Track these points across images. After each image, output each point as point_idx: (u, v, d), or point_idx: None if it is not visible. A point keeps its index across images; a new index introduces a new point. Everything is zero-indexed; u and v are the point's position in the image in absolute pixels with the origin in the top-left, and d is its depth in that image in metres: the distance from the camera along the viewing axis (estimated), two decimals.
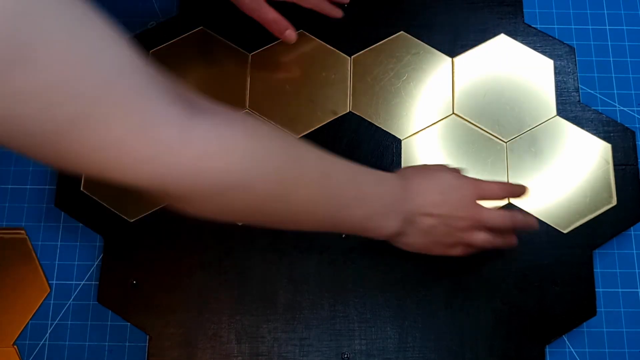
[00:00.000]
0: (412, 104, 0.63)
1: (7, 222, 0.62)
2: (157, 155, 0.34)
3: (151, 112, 0.33)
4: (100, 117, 0.32)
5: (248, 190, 0.39)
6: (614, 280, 0.60)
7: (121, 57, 0.33)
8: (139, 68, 0.34)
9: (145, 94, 0.33)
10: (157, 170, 0.34)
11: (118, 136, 0.32)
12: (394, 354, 0.56)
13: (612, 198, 0.60)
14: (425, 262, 0.58)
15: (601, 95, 0.66)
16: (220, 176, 0.37)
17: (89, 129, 0.31)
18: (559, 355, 0.58)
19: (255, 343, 0.56)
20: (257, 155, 0.39)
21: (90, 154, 0.33)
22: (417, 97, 0.63)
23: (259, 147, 0.39)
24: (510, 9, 0.66)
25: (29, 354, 0.58)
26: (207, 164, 0.36)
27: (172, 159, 0.34)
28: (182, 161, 0.35)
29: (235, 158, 0.37)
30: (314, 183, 0.42)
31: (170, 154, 0.34)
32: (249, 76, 0.64)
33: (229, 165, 0.37)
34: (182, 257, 0.58)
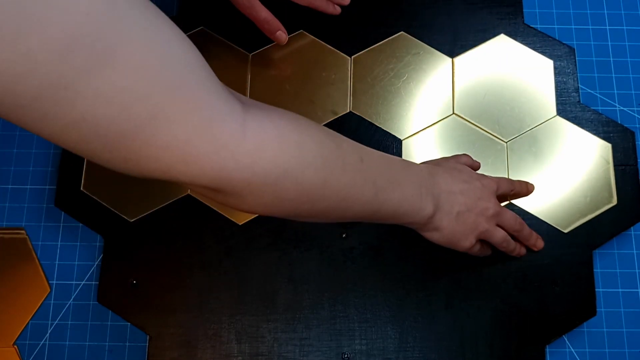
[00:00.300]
0: (412, 104, 0.63)
1: (7, 222, 0.62)
2: (219, 149, 0.34)
3: (215, 108, 0.34)
4: (172, 115, 0.32)
5: (298, 179, 0.39)
6: (614, 280, 0.60)
7: (188, 54, 0.33)
8: (202, 64, 0.34)
9: (209, 90, 0.34)
10: (219, 164, 0.35)
11: (187, 132, 0.33)
12: (394, 354, 0.56)
13: (612, 198, 0.60)
14: (425, 262, 0.58)
15: (601, 95, 0.66)
16: (276, 165, 0.37)
17: (161, 128, 0.32)
18: (559, 355, 0.58)
19: (255, 343, 0.56)
20: (306, 144, 0.39)
21: (158, 153, 0.33)
22: (417, 97, 0.63)
23: (306, 135, 0.40)
24: (510, 9, 0.66)
25: (29, 354, 0.58)
26: (265, 153, 0.36)
27: (233, 151, 0.35)
28: (242, 152, 0.35)
29: (289, 146, 0.38)
30: (352, 168, 0.43)
31: (232, 147, 0.35)
32: (249, 76, 0.64)
33: (284, 154, 0.38)
34: (182, 257, 0.58)
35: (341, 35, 0.65)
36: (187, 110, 0.33)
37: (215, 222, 0.59)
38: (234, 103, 0.35)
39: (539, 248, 0.57)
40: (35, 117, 0.29)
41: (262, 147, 0.36)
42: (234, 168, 0.35)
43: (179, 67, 0.32)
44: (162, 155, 0.33)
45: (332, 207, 0.43)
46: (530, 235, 0.57)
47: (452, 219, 0.50)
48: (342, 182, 0.42)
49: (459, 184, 0.51)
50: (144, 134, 0.32)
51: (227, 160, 0.35)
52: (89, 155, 0.33)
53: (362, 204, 0.45)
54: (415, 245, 0.58)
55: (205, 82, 0.34)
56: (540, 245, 0.58)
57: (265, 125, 0.37)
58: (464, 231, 0.52)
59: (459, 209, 0.51)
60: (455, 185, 0.51)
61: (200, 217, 0.60)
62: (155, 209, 0.60)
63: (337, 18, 0.65)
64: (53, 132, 0.30)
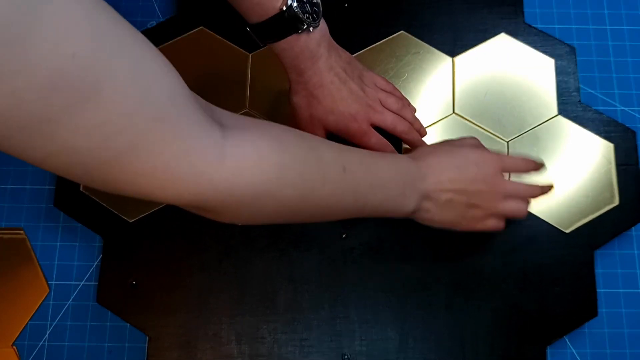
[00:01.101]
0: (413, 104, 0.63)
1: (7, 222, 0.62)
2: (197, 176, 0.36)
3: (194, 137, 0.35)
4: (151, 145, 0.33)
5: (277, 197, 0.40)
6: (615, 281, 0.60)
7: (171, 85, 0.34)
8: (184, 93, 0.35)
9: (189, 119, 0.35)
10: (197, 188, 0.36)
11: (165, 161, 0.34)
12: (394, 355, 0.56)
13: (614, 198, 0.59)
14: (425, 262, 0.58)
15: (602, 95, 0.65)
16: (254, 187, 0.38)
17: (140, 157, 0.33)
18: (560, 356, 0.58)
19: (255, 344, 0.56)
20: (285, 163, 0.40)
21: (136, 179, 0.34)
22: (417, 97, 0.63)
23: (286, 155, 0.41)
24: (511, 8, 0.66)
25: (28, 354, 0.58)
26: (243, 178, 0.38)
27: (210, 176, 0.36)
28: (219, 178, 0.37)
29: (269, 168, 0.39)
30: (333, 179, 0.44)
31: (209, 173, 0.36)
32: (249, 76, 0.64)
33: (262, 176, 0.39)
34: (182, 257, 0.58)
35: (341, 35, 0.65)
36: (167, 140, 0.34)
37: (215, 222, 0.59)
38: (214, 130, 0.36)
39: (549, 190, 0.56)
40: (20, 146, 0.30)
41: (240, 172, 0.37)
42: (211, 192, 0.37)
43: (161, 99, 0.33)
44: (140, 181, 0.34)
45: (311, 216, 0.46)
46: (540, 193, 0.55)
47: (440, 207, 0.51)
48: (322, 195, 0.44)
49: (448, 173, 0.51)
50: (123, 163, 0.33)
51: (204, 185, 0.36)
52: (72, 178, 0.35)
53: (342, 210, 0.47)
54: (415, 246, 0.58)
55: (185, 112, 0.35)
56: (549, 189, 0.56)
57: (244, 148, 0.38)
58: (458, 215, 0.52)
59: (446, 197, 0.51)
60: (444, 175, 0.51)
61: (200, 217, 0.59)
62: (155, 209, 0.60)
63: (337, 18, 0.65)
64: (36, 159, 0.31)
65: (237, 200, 0.38)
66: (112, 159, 0.32)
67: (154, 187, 0.35)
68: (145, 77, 0.32)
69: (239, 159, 0.37)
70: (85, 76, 0.28)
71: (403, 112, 0.58)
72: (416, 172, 0.50)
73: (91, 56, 0.28)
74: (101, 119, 0.30)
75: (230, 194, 0.38)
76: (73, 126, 0.29)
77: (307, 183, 0.42)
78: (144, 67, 0.32)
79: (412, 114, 0.59)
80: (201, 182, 0.36)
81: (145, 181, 0.34)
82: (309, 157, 0.43)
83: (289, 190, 0.41)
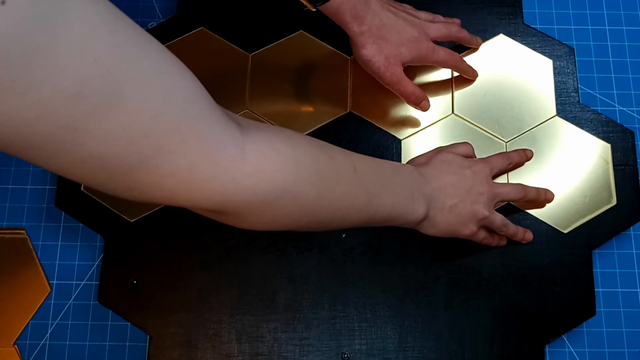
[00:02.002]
0: None
1: (8, 222, 0.62)
2: (220, 174, 0.36)
3: (216, 136, 0.35)
4: (175, 146, 0.33)
5: (297, 195, 0.40)
6: (614, 280, 0.60)
7: (190, 87, 0.34)
8: (202, 94, 0.35)
9: (209, 119, 0.35)
10: (222, 187, 0.36)
11: (190, 162, 0.34)
12: (393, 354, 0.56)
13: (612, 198, 0.60)
14: (425, 262, 0.58)
15: (601, 95, 0.66)
16: (275, 184, 0.39)
17: (165, 159, 0.33)
18: (558, 355, 0.58)
19: (255, 343, 0.56)
20: (302, 161, 0.41)
21: (162, 181, 0.34)
22: None
23: (302, 153, 0.41)
24: (510, 9, 0.66)
25: (29, 353, 0.58)
26: (264, 174, 0.38)
27: (233, 175, 0.36)
28: (242, 175, 0.37)
29: (287, 165, 0.39)
30: (346, 178, 0.45)
31: (232, 171, 0.36)
32: (249, 76, 0.64)
33: (282, 172, 0.39)
34: (182, 257, 0.59)
35: (341, 35, 0.65)
36: (190, 141, 0.34)
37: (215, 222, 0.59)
38: (233, 128, 0.37)
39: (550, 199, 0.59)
40: (44, 155, 0.30)
41: (262, 169, 0.38)
42: (235, 191, 0.37)
43: (181, 101, 0.33)
44: (166, 183, 0.34)
45: (329, 218, 0.45)
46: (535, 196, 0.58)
47: (446, 213, 0.52)
48: (337, 193, 0.44)
49: (448, 177, 0.52)
50: (149, 166, 0.33)
51: (228, 184, 0.36)
52: (95, 185, 0.35)
53: (358, 212, 0.46)
54: (415, 245, 0.58)
55: (205, 112, 0.35)
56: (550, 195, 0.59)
57: (263, 146, 0.38)
58: (461, 221, 0.53)
59: (451, 203, 0.52)
60: (445, 179, 0.52)
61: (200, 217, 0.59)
62: (155, 209, 0.60)
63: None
64: (60, 167, 0.31)
65: (260, 199, 0.38)
66: (138, 163, 0.32)
67: (181, 188, 0.35)
68: (164, 80, 0.32)
69: (259, 156, 0.37)
70: (108, 82, 0.29)
71: None
72: (419, 177, 0.51)
73: (112, 62, 0.29)
74: (126, 123, 0.30)
75: (253, 191, 0.38)
76: (99, 132, 0.30)
77: (323, 180, 0.42)
78: (162, 70, 0.32)
79: None
80: (225, 181, 0.36)
81: (172, 183, 0.34)
82: (322, 156, 0.43)
83: (307, 186, 0.41)
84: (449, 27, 0.62)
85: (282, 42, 0.65)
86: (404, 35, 0.58)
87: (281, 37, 0.65)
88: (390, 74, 0.59)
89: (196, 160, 0.34)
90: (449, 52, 0.61)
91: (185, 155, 0.34)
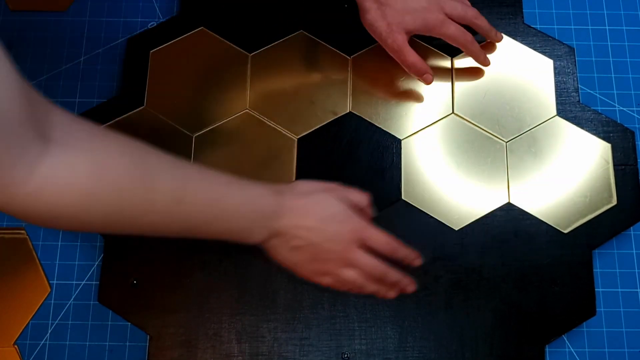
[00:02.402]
0: (412, 104, 0.63)
1: (8, 222, 0.62)
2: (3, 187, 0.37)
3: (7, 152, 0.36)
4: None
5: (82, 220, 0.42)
6: (614, 280, 0.60)
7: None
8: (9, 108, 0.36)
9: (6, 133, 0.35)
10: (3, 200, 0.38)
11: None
12: (393, 354, 0.56)
13: (612, 198, 0.60)
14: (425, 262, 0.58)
15: (601, 95, 0.66)
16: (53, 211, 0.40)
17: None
18: (558, 355, 0.58)
19: (255, 343, 0.56)
20: (99, 191, 0.41)
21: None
22: (416, 97, 0.63)
23: (104, 183, 0.41)
24: (510, 9, 0.66)
25: (29, 353, 0.58)
26: (41, 203, 0.39)
27: (12, 195, 0.38)
28: (19, 199, 0.38)
29: (74, 194, 0.40)
30: (160, 210, 0.44)
31: (12, 189, 0.37)
32: (249, 76, 0.64)
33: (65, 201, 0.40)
34: (183, 257, 0.59)
35: (341, 35, 0.65)
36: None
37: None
38: (31, 147, 0.37)
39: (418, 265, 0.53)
40: None
41: (42, 197, 0.38)
42: (12, 208, 0.39)
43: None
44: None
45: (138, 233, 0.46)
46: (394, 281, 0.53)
47: (287, 249, 0.51)
48: (140, 222, 0.44)
49: (311, 221, 0.50)
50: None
51: (13, 197, 0.38)
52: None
53: (175, 233, 0.47)
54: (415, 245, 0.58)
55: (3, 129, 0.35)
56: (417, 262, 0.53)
57: (58, 173, 0.39)
58: (300, 262, 0.51)
59: (297, 243, 0.50)
60: (305, 222, 0.50)
61: None
62: None
63: (336, 18, 0.65)
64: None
65: (35, 219, 0.40)
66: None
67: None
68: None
69: (47, 183, 0.38)
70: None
71: None
72: (273, 211, 0.49)
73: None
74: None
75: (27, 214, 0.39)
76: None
77: (123, 211, 0.43)
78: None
79: None
80: (6, 194, 0.37)
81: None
82: (135, 187, 0.43)
83: (98, 215, 0.42)
84: (467, 9, 0.60)
85: (282, 42, 0.65)
86: (411, 4, 0.58)
87: (281, 37, 0.65)
88: (391, 40, 0.59)
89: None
90: (460, 29, 0.60)
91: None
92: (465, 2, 0.62)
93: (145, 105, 0.63)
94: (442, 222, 0.59)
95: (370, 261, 0.52)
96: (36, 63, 0.66)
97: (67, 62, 0.67)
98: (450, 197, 0.60)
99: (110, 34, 0.68)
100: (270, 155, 0.61)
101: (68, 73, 0.66)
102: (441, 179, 0.61)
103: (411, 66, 0.60)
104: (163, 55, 0.65)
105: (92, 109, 0.63)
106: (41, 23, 0.68)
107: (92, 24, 0.68)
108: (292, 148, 0.62)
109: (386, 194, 0.60)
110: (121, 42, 0.67)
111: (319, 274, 0.52)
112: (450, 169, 0.61)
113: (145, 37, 0.66)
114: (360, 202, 0.54)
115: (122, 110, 0.63)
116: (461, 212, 0.59)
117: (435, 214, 0.59)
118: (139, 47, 0.65)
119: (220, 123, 0.62)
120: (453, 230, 0.59)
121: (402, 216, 0.59)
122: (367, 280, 0.52)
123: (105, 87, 0.66)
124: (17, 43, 0.67)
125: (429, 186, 0.60)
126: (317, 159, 0.61)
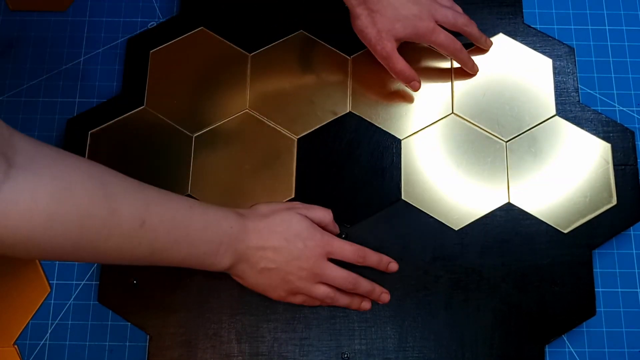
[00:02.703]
0: (412, 104, 0.63)
1: None
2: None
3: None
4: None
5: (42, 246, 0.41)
6: (614, 280, 0.60)
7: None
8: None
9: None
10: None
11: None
12: (393, 354, 0.56)
13: (612, 198, 0.60)
14: (425, 262, 0.58)
15: (601, 95, 0.66)
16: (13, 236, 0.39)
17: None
18: (558, 355, 0.58)
19: (255, 343, 0.56)
20: (61, 216, 0.41)
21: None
22: (416, 96, 0.63)
23: (66, 207, 0.41)
24: (510, 9, 0.66)
25: (29, 353, 0.58)
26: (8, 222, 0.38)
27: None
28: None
29: (36, 220, 0.39)
30: (123, 234, 0.44)
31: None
32: (249, 76, 0.64)
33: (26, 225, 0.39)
34: None
35: (341, 35, 0.65)
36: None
37: None
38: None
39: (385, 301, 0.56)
40: None
41: (3, 221, 0.38)
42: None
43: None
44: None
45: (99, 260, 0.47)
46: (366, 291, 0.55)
47: (256, 272, 0.51)
48: (104, 247, 0.44)
49: (275, 241, 0.51)
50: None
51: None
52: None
53: (134, 260, 0.47)
54: (415, 245, 0.58)
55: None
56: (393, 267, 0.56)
57: (20, 197, 0.38)
58: (271, 285, 0.52)
59: (264, 265, 0.51)
60: (270, 242, 0.51)
61: None
62: None
63: (336, 18, 0.65)
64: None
65: None
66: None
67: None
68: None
69: (7, 207, 0.38)
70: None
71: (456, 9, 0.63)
72: (238, 234, 0.50)
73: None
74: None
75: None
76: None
77: (87, 235, 0.42)
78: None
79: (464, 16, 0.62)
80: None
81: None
82: (98, 210, 0.42)
83: (61, 240, 0.41)
84: (457, 17, 0.61)
85: (282, 42, 0.65)
86: (402, 12, 0.58)
87: (281, 37, 0.65)
88: (380, 48, 0.59)
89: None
90: (450, 37, 0.61)
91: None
92: (456, 9, 0.62)
93: (145, 105, 0.63)
94: (442, 222, 0.59)
95: (340, 273, 0.53)
96: (36, 63, 0.66)
97: (67, 62, 0.67)
98: (450, 197, 0.60)
99: (110, 34, 0.68)
100: (270, 155, 0.61)
101: (68, 73, 0.66)
102: (441, 179, 0.61)
103: (399, 73, 0.60)
104: (163, 55, 0.65)
105: (92, 109, 0.63)
106: (41, 23, 0.68)
107: (92, 24, 0.68)
108: (292, 148, 0.62)
109: (386, 194, 0.60)
110: (121, 42, 0.67)
111: (291, 294, 0.53)
112: (450, 169, 0.61)
113: (145, 37, 0.66)
114: (324, 219, 0.55)
115: (122, 110, 0.63)
116: (461, 212, 0.59)
117: (435, 214, 0.59)
118: (139, 47, 0.65)
119: (220, 123, 0.62)
120: (453, 230, 0.59)
121: (402, 216, 0.59)
122: (339, 293, 0.54)
123: (105, 87, 0.66)
124: (17, 43, 0.67)
125: (429, 186, 0.60)
126: (317, 159, 0.61)
